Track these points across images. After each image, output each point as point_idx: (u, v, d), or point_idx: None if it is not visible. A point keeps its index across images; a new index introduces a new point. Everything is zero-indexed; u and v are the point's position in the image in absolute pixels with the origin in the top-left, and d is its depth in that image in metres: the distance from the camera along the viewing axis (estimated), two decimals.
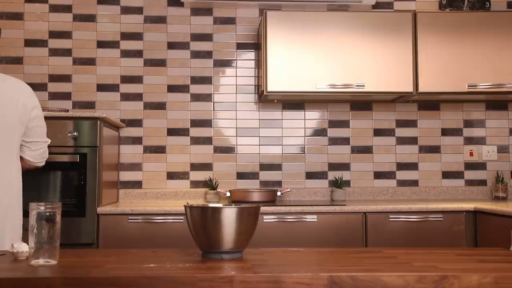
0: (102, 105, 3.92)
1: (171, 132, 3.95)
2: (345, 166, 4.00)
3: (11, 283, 1.44)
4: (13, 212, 2.38)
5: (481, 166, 4.05)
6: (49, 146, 2.60)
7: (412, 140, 4.04)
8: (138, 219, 3.26)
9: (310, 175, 3.98)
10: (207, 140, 3.96)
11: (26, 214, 1.68)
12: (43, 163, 2.61)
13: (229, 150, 3.97)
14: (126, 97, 3.95)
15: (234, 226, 1.68)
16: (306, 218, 3.29)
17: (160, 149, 3.94)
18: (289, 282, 1.44)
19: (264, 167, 3.97)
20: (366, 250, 2.32)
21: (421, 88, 3.61)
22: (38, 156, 2.53)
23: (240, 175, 3.95)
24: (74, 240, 3.18)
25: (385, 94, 3.70)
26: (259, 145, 3.98)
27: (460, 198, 3.97)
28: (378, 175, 4.01)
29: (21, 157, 2.49)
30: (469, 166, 4.05)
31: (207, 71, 3.99)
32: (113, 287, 1.42)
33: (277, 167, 3.97)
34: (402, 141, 4.04)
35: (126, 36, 3.97)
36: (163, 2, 4.00)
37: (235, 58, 4.01)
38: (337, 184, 3.86)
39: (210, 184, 3.83)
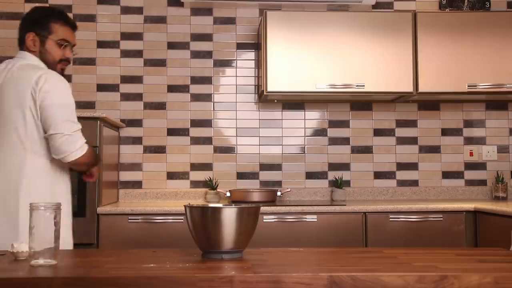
0: (102, 105, 3.92)
1: (171, 132, 3.95)
2: (345, 166, 4.00)
3: (11, 283, 1.44)
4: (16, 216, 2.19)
5: (481, 166, 4.05)
6: None
7: (412, 140, 4.04)
8: (138, 219, 3.26)
9: (310, 175, 3.98)
10: (207, 140, 3.96)
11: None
12: (69, 157, 2.31)
13: (229, 150, 3.97)
14: (126, 97, 3.95)
15: (234, 226, 1.68)
16: (306, 218, 3.29)
17: (160, 149, 3.94)
18: (289, 282, 1.44)
19: (264, 167, 3.97)
20: (366, 250, 2.31)
21: (421, 88, 3.61)
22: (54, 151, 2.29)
23: (240, 175, 3.95)
24: (74, 240, 3.16)
25: (385, 94, 3.70)
26: (259, 145, 3.98)
27: (460, 198, 3.97)
28: (378, 175, 4.01)
29: None
30: (469, 166, 4.05)
31: (207, 71, 3.99)
32: (113, 287, 1.42)
33: (277, 167, 3.97)
34: (402, 141, 4.04)
35: (126, 36, 3.97)
36: (163, 2, 4.00)
37: (235, 58, 4.01)
38: (337, 184, 3.86)
39: (210, 184, 3.83)
